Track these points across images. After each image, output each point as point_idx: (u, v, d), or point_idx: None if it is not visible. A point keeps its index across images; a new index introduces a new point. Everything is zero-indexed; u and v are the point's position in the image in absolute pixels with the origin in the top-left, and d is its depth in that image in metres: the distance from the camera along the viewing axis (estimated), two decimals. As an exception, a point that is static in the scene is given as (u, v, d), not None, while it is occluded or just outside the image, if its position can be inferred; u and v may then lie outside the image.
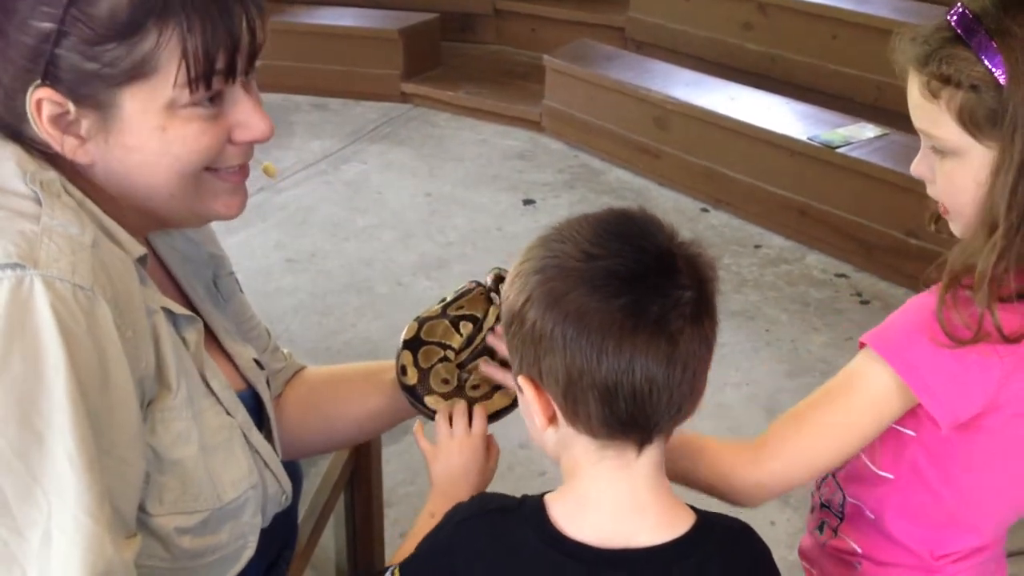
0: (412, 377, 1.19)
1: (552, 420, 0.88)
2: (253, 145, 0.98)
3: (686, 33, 4.24)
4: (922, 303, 1.03)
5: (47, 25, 0.87)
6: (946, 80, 0.97)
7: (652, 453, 0.88)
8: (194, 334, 0.99)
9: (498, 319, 1.21)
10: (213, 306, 1.13)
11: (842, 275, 3.23)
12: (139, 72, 0.88)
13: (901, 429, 1.06)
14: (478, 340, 1.22)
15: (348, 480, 1.58)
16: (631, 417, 0.84)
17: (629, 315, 0.82)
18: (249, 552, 1.02)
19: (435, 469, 1.13)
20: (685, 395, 0.85)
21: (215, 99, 0.93)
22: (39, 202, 0.87)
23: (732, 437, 1.13)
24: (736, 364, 2.80)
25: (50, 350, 0.81)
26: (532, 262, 0.87)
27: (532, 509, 0.90)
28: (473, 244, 3.37)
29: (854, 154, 3.21)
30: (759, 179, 3.46)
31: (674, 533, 0.89)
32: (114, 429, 0.85)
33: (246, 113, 0.95)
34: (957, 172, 1.00)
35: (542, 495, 0.92)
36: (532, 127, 4.18)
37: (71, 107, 0.89)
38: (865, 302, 3.09)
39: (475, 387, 1.20)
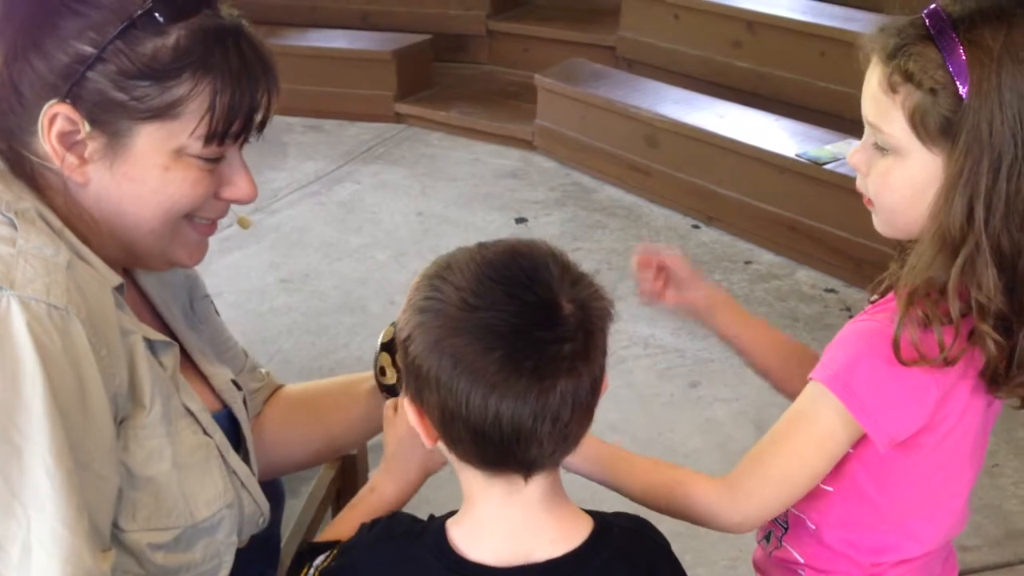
0: (391, 377, 1.23)
1: (437, 439, 0.90)
2: (230, 205, 1.05)
3: (676, 51, 4.28)
4: (857, 329, 1.04)
5: (88, 49, 0.92)
6: (907, 76, 0.97)
7: (542, 478, 0.90)
8: (171, 358, 1.01)
9: None
10: (189, 329, 1.16)
11: (831, 290, 3.25)
12: (163, 114, 0.93)
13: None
14: None
15: (335, 497, 1.60)
16: (503, 460, 0.87)
17: (501, 369, 0.82)
18: (224, 571, 1.04)
19: (388, 436, 1.14)
20: (558, 442, 0.87)
21: (217, 158, 0.99)
22: (15, 226, 0.90)
23: (697, 471, 1.15)
24: (725, 380, 2.82)
25: (27, 368, 0.83)
26: (418, 296, 0.88)
27: (434, 535, 0.93)
28: (465, 263, 3.38)
29: (842, 170, 3.23)
30: (749, 196, 3.49)
31: (572, 544, 0.91)
32: (90, 444, 0.88)
33: (239, 176, 1.02)
34: (894, 171, 1.00)
35: (444, 519, 0.94)
36: (524, 146, 4.21)
37: (84, 128, 0.93)
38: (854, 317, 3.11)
39: None
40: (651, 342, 2.98)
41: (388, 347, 1.25)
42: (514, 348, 0.83)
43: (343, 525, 1.06)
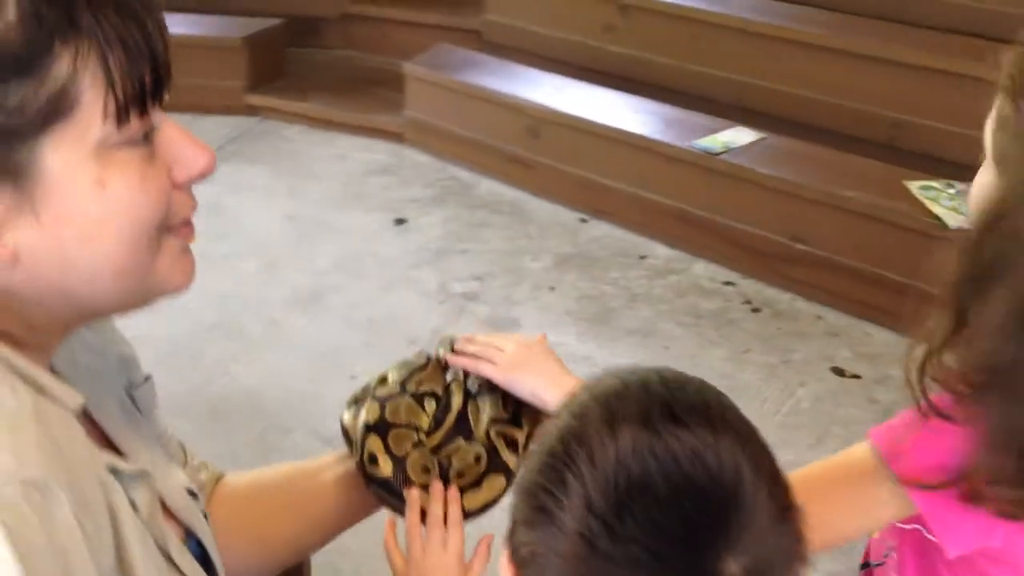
0: (385, 468, 1.03)
1: None
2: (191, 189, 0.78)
3: (546, 36, 4.11)
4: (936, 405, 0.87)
5: None
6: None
7: None
8: (145, 493, 0.77)
9: (468, 397, 1.11)
10: (134, 432, 0.89)
11: (729, 283, 3.18)
12: (57, 111, 0.67)
13: (927, 535, 0.92)
14: (448, 421, 1.10)
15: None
16: None
17: None
18: None
19: None
20: None
21: (148, 134, 0.73)
22: None
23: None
24: (640, 387, 2.69)
25: None
26: (539, 472, 0.65)
27: None
28: (346, 271, 3.13)
29: (736, 160, 3.16)
30: (639, 187, 3.37)
31: None
32: None
33: (181, 144, 0.75)
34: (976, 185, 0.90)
35: None
36: (393, 139, 3.96)
37: None
38: (756, 310, 3.04)
39: (460, 475, 1.06)
40: (559, 350, 2.78)
41: (377, 428, 1.05)
42: None
43: None
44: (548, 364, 1.09)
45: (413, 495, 1.00)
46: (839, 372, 2.76)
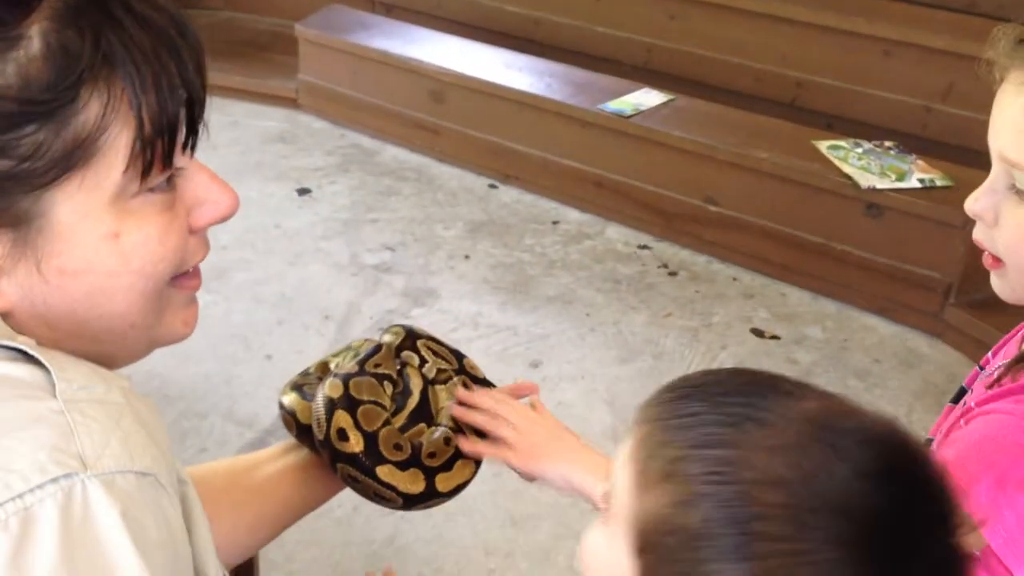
0: (356, 444, 0.97)
1: None
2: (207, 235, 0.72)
3: (441, -4, 4.01)
4: (1002, 427, 0.82)
5: None
6: None
7: None
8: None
9: (427, 382, 1.11)
10: None
11: (644, 246, 3.17)
12: (75, 160, 0.59)
13: None
14: (410, 405, 1.08)
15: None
16: None
17: None
18: None
19: None
20: None
21: (171, 178, 0.66)
22: (42, 364, 0.58)
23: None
24: (566, 355, 2.66)
25: None
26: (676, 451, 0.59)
27: None
28: (252, 246, 2.98)
29: (647, 123, 3.13)
30: (549, 152, 3.32)
31: None
32: None
33: (203, 186, 0.69)
34: None
35: None
36: (287, 104, 3.79)
37: None
38: (673, 273, 3.04)
39: (431, 455, 1.03)
40: (480, 321, 2.75)
41: (344, 404, 0.99)
42: None
43: None
44: (567, 443, 1.04)
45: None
46: (759, 333, 2.78)
